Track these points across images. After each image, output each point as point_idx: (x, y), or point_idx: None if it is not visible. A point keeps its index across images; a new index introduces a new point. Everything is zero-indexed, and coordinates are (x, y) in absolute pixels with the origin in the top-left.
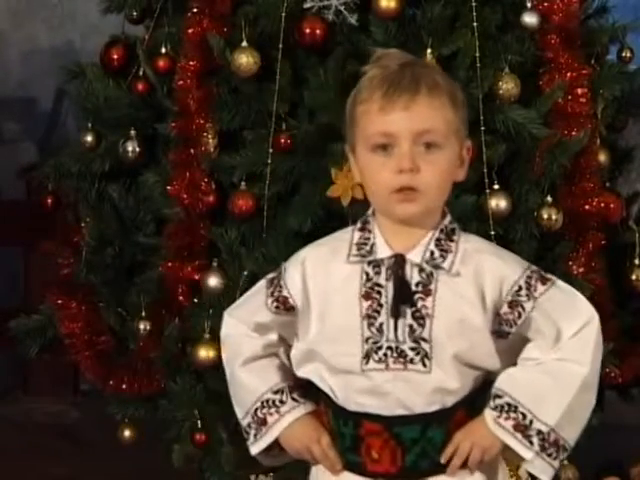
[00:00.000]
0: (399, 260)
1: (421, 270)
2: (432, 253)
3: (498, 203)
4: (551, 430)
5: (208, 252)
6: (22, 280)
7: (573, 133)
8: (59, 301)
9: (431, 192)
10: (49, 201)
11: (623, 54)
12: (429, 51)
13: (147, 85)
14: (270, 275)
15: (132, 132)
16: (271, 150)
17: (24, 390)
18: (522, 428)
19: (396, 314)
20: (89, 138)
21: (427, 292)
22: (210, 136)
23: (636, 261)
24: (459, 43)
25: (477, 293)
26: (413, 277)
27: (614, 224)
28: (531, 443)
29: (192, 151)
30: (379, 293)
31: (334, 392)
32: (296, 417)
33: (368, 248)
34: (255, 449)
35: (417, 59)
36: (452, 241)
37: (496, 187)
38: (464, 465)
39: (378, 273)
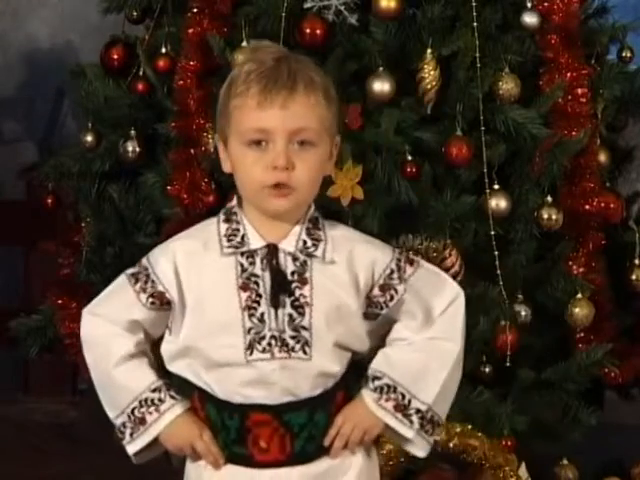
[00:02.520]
0: (272, 250)
1: (295, 259)
2: (305, 242)
3: (498, 203)
4: (429, 408)
5: None
6: (22, 280)
7: (573, 133)
8: (59, 301)
9: (304, 188)
10: (49, 201)
11: (623, 54)
12: (429, 51)
13: (147, 85)
14: (130, 270)
15: (132, 132)
16: None
17: (24, 390)
18: (402, 408)
19: (276, 303)
20: (89, 138)
21: (303, 281)
22: (210, 136)
23: (636, 261)
24: (459, 43)
25: (351, 278)
26: (288, 266)
27: (614, 224)
28: (411, 422)
29: (192, 151)
30: (256, 283)
31: (211, 387)
32: (176, 414)
33: (239, 239)
34: (133, 448)
35: (290, 53)
36: (319, 229)
37: (496, 187)
38: (346, 446)
39: (253, 263)
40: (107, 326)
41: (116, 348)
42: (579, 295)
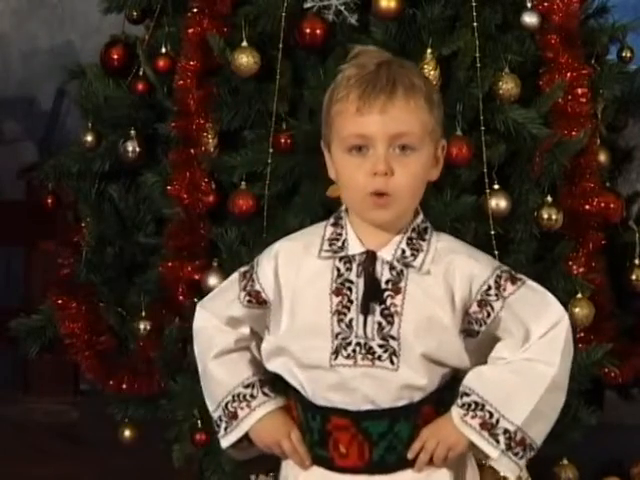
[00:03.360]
0: (370, 257)
1: (392, 268)
2: (403, 251)
3: (498, 203)
4: (518, 429)
5: (208, 252)
6: (22, 280)
7: (573, 133)
8: (59, 301)
9: (404, 195)
10: (49, 201)
11: (623, 54)
12: (429, 51)
13: (147, 85)
14: (243, 268)
15: (132, 132)
16: (271, 150)
17: (24, 390)
18: (488, 426)
19: (365, 311)
20: (89, 138)
21: (397, 290)
22: (210, 136)
23: (636, 261)
24: (459, 43)
25: (446, 292)
26: (383, 274)
27: (614, 224)
28: (497, 442)
29: (192, 151)
30: (349, 289)
31: (303, 387)
32: (267, 411)
33: (340, 244)
34: (225, 442)
35: (394, 58)
36: (424, 240)
37: (496, 187)
38: (431, 461)
39: (349, 269)
40: (212, 320)
41: (216, 342)
42: (579, 295)
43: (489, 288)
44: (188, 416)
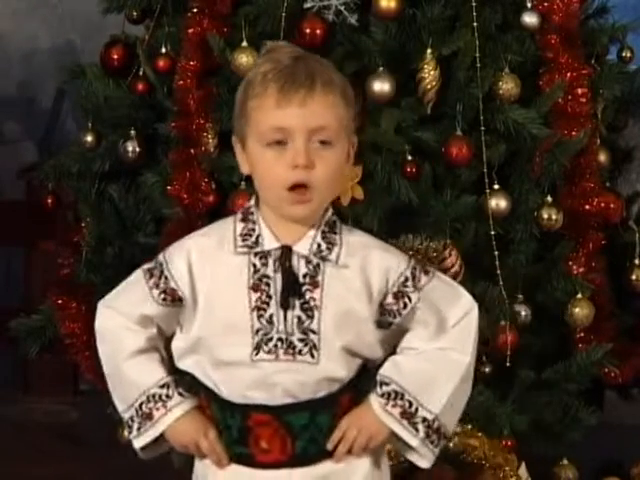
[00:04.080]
0: (286, 251)
1: (308, 262)
2: (319, 245)
3: (498, 203)
4: (435, 418)
5: None
6: (22, 280)
7: (573, 133)
8: (59, 301)
9: (324, 189)
10: (49, 201)
11: (623, 54)
12: (429, 51)
13: (147, 85)
14: (147, 265)
15: (132, 132)
16: None
17: (24, 390)
18: (408, 415)
19: (285, 305)
20: (89, 138)
21: (315, 284)
22: (210, 136)
23: (636, 261)
24: (459, 43)
25: (363, 285)
26: (300, 269)
27: (614, 224)
28: (417, 430)
29: (192, 151)
30: (267, 285)
31: (217, 386)
32: (183, 411)
33: (254, 239)
34: (139, 443)
35: (308, 53)
36: (335, 234)
37: (496, 187)
38: (350, 451)
39: (265, 264)
40: (119, 319)
41: (127, 342)
42: (579, 295)
43: (406, 280)
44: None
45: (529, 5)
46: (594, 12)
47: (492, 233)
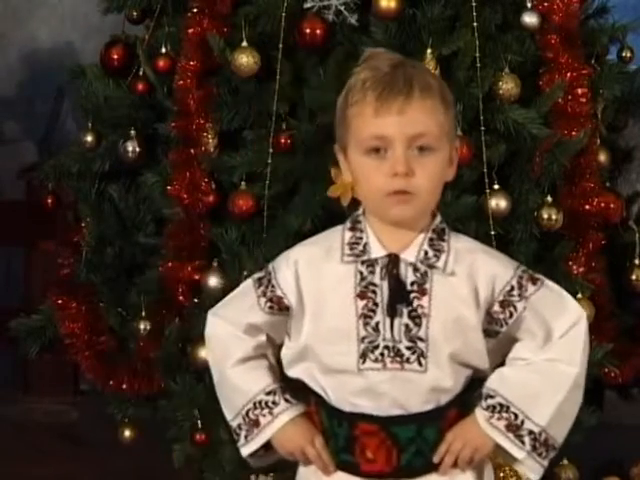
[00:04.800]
0: (393, 259)
1: (415, 269)
2: (426, 253)
3: (498, 203)
4: (542, 430)
5: (208, 252)
6: (22, 280)
7: (573, 133)
8: (59, 301)
9: (425, 195)
10: (49, 201)
11: (623, 54)
12: (429, 51)
13: (147, 85)
14: (257, 275)
15: (132, 132)
16: (271, 150)
17: (24, 390)
18: (514, 428)
19: (392, 313)
20: (89, 138)
21: (422, 291)
22: (210, 136)
23: (636, 261)
24: (459, 43)
25: (471, 292)
26: (408, 276)
27: (614, 224)
28: (523, 443)
29: (192, 151)
30: (374, 292)
31: (326, 392)
32: (289, 418)
33: (361, 248)
34: (246, 450)
35: (406, 59)
36: (444, 241)
37: (496, 187)
38: (455, 464)
39: (372, 272)
40: (228, 327)
41: (234, 349)
42: (579, 295)
43: (512, 288)
44: (188, 416)
45: (529, 5)
46: (594, 12)
47: (492, 233)
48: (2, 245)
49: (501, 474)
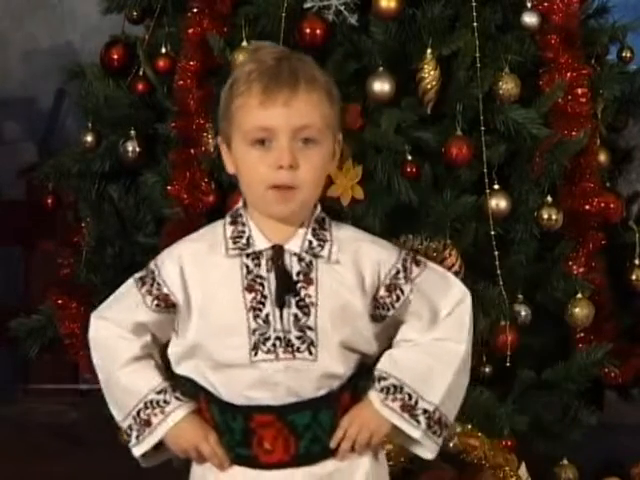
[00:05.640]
0: (278, 251)
1: (300, 259)
2: (310, 242)
3: (498, 203)
4: (436, 408)
5: None
6: (22, 280)
7: (573, 133)
8: (59, 301)
9: (308, 188)
10: (49, 201)
11: (623, 54)
12: (429, 51)
13: (147, 85)
14: (139, 274)
15: (132, 132)
16: None
17: (24, 390)
18: (409, 408)
19: (281, 304)
20: (89, 138)
21: (309, 281)
22: (210, 136)
23: (636, 261)
24: (459, 43)
25: (357, 279)
26: (293, 267)
27: (614, 224)
28: (418, 422)
29: (192, 151)
30: (262, 285)
31: (216, 388)
32: (182, 416)
33: (244, 241)
34: (138, 450)
35: (292, 52)
36: (326, 230)
37: (496, 187)
38: (353, 448)
39: (258, 265)
40: (113, 328)
41: (122, 350)
42: (579, 295)
43: (397, 272)
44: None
45: (529, 5)
46: (594, 12)
47: (492, 233)
48: (2, 245)
49: (501, 474)
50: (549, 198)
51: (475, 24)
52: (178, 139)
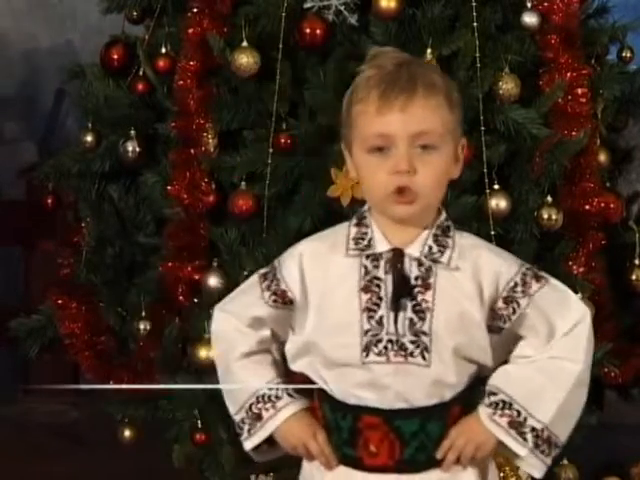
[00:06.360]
0: (398, 254)
1: (420, 264)
2: (430, 248)
3: (498, 203)
4: (545, 427)
5: (208, 252)
6: (22, 280)
7: (573, 133)
8: (59, 301)
9: (427, 192)
10: (49, 201)
11: (623, 54)
12: (429, 51)
13: (147, 85)
14: (263, 270)
15: (132, 132)
16: (271, 150)
17: (24, 390)
18: (516, 425)
19: (396, 307)
20: (89, 138)
21: (427, 286)
22: (210, 136)
23: (636, 261)
24: (459, 43)
25: (475, 287)
26: (412, 271)
27: (614, 224)
28: (525, 440)
29: (192, 151)
30: (378, 286)
31: (329, 386)
32: (292, 412)
33: (366, 242)
34: (249, 444)
35: (413, 58)
36: (448, 237)
37: (496, 187)
38: (458, 460)
39: (377, 267)
40: (233, 322)
41: (238, 343)
42: (579, 295)
43: (515, 285)
44: (188, 416)
45: (529, 5)
46: (594, 12)
47: (492, 233)
48: (2, 245)
49: (501, 474)
50: (549, 198)
51: (475, 24)
52: (178, 139)
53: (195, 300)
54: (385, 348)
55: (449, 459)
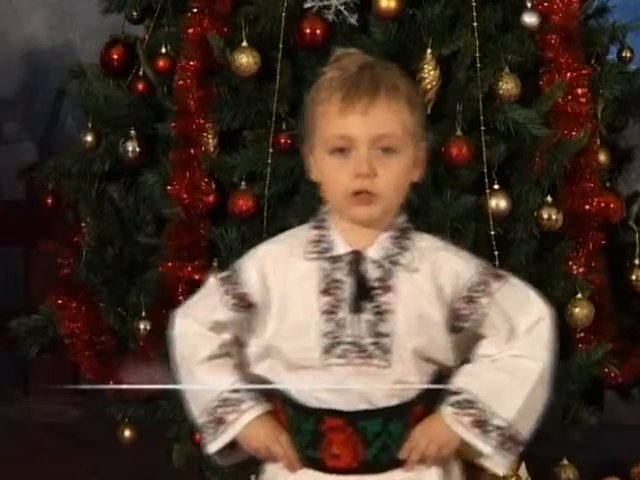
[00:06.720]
0: (357, 256)
1: (379, 266)
2: (390, 250)
3: (498, 203)
4: (509, 425)
5: (208, 252)
6: (22, 280)
7: (573, 133)
8: (59, 301)
9: (387, 195)
10: (49, 201)
11: (623, 54)
12: (429, 51)
13: (147, 85)
14: (222, 274)
15: (132, 132)
16: (271, 150)
17: (24, 390)
18: (480, 424)
19: (356, 309)
20: (89, 138)
21: (386, 288)
22: (210, 136)
23: (636, 261)
24: (459, 43)
25: (435, 288)
26: (372, 273)
27: (614, 224)
28: (489, 439)
29: (192, 151)
30: (338, 288)
31: (291, 389)
32: (255, 415)
33: (325, 245)
34: (212, 448)
35: (377, 60)
36: (408, 239)
37: (496, 187)
38: (421, 460)
39: (336, 269)
40: (194, 326)
41: (200, 347)
42: (579, 295)
43: (475, 284)
44: (188, 416)
45: (529, 5)
46: (594, 12)
47: (492, 233)
48: (2, 245)
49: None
50: (549, 198)
51: (475, 24)
52: (178, 139)
53: None
54: (346, 350)
55: (412, 459)
